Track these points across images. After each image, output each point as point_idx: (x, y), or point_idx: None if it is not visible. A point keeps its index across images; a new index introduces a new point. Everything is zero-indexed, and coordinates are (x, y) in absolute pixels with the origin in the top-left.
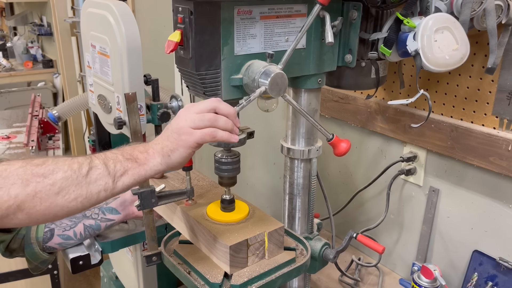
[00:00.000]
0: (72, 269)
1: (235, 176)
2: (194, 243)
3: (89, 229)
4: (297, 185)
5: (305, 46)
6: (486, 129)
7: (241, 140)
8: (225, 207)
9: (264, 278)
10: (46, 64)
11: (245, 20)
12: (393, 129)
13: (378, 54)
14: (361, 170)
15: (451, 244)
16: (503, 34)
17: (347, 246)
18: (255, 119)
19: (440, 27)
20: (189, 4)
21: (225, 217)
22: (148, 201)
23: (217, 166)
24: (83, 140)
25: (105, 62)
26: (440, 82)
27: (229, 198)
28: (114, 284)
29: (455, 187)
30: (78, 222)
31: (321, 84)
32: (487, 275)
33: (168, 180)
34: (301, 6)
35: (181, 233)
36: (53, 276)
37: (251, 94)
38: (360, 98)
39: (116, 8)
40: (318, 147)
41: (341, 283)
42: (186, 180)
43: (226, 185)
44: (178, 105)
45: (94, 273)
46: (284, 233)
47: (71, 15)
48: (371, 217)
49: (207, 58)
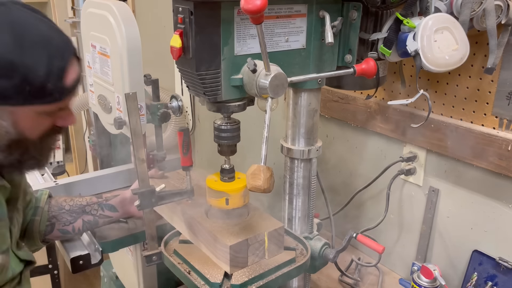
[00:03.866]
0: (72, 268)
1: (235, 144)
2: (194, 243)
3: (87, 225)
4: (297, 185)
5: (305, 46)
6: (486, 129)
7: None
8: (225, 176)
9: (264, 278)
10: None
11: (245, 20)
12: (393, 129)
13: (378, 54)
14: (361, 170)
15: (451, 244)
16: (503, 34)
17: (347, 246)
18: (255, 119)
19: (440, 27)
20: (189, 4)
21: (225, 187)
22: (148, 201)
23: (217, 134)
24: (83, 140)
25: (105, 62)
26: (440, 82)
27: (229, 167)
28: (114, 284)
29: (455, 187)
30: (77, 218)
31: (321, 84)
32: (486, 275)
33: (168, 180)
34: (301, 6)
35: (181, 233)
36: (53, 276)
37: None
38: (360, 98)
39: (116, 8)
40: (318, 147)
41: (341, 283)
42: (186, 180)
43: (225, 154)
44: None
45: (94, 273)
46: (284, 233)
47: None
48: (371, 217)
49: (207, 58)
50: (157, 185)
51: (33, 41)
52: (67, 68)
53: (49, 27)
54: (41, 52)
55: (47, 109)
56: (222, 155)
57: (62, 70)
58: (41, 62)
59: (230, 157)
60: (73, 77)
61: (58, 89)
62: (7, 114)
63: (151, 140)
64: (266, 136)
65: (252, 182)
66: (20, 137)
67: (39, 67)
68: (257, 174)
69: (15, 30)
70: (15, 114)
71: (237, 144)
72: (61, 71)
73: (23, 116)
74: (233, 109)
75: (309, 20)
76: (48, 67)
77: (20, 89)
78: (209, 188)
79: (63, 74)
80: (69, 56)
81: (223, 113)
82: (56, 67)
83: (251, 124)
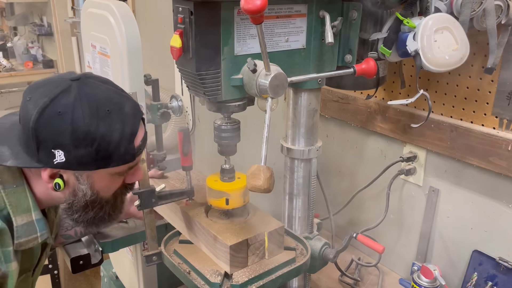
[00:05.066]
0: (72, 268)
1: (235, 144)
2: (194, 243)
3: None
4: (297, 185)
5: (305, 46)
6: (486, 129)
7: None
8: (225, 176)
9: (264, 278)
10: (47, 64)
11: (245, 20)
12: (393, 129)
13: (378, 54)
14: (361, 170)
15: (451, 244)
16: (503, 34)
17: (347, 246)
18: (255, 119)
19: (440, 27)
20: (189, 4)
21: (225, 187)
22: (148, 201)
23: (217, 134)
24: None
25: (105, 62)
26: (440, 82)
27: (229, 167)
28: (114, 284)
29: (455, 187)
30: None
31: (321, 84)
32: (486, 275)
33: (168, 180)
34: (301, 6)
35: (181, 233)
36: (53, 276)
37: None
38: (360, 98)
39: (116, 8)
40: (318, 147)
41: (341, 283)
42: (186, 180)
43: (225, 154)
44: (178, 105)
45: (94, 273)
46: (284, 233)
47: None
48: (371, 217)
49: (207, 58)
50: (157, 185)
51: (106, 111)
52: (137, 132)
53: (120, 96)
54: (114, 120)
55: (120, 170)
56: (222, 155)
57: (133, 134)
58: (115, 129)
59: (230, 157)
60: (141, 137)
61: (129, 151)
62: (85, 178)
63: (151, 140)
64: (266, 136)
65: (252, 182)
66: (96, 198)
67: (113, 134)
68: (257, 174)
69: (90, 103)
70: (92, 177)
71: (237, 144)
72: (132, 136)
73: (99, 179)
74: (233, 109)
75: (309, 20)
76: (121, 134)
77: (97, 156)
78: (209, 188)
79: (134, 138)
80: (138, 120)
81: (223, 113)
82: (127, 133)
83: (251, 124)
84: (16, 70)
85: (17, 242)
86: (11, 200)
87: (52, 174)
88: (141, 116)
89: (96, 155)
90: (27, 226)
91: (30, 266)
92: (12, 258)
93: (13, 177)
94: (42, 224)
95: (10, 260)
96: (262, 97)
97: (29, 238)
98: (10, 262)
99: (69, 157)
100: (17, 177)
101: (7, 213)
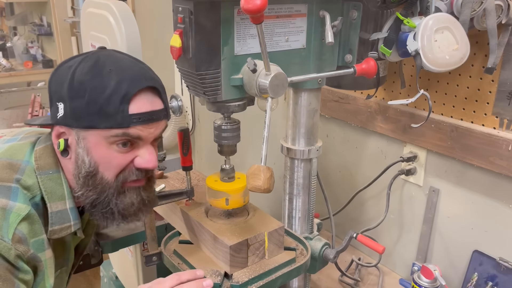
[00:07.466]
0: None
1: (235, 144)
2: (194, 243)
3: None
4: (297, 185)
5: (305, 46)
6: (486, 129)
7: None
8: (225, 176)
9: (264, 278)
10: (46, 64)
11: (245, 20)
12: (393, 129)
13: (378, 54)
14: (361, 170)
15: (451, 244)
16: (503, 34)
17: (347, 246)
18: (255, 119)
19: (440, 27)
20: (189, 4)
21: (225, 187)
22: None
23: (217, 134)
24: None
25: None
26: (440, 82)
27: (229, 167)
28: (114, 284)
29: (455, 187)
30: None
31: (321, 84)
32: (487, 275)
33: (168, 180)
34: (301, 6)
35: (181, 233)
36: None
37: (250, 94)
38: (360, 98)
39: (116, 8)
40: (318, 147)
41: (341, 283)
42: (186, 180)
43: (225, 154)
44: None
45: (94, 273)
46: (284, 233)
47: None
48: (371, 217)
49: (207, 58)
50: (157, 185)
51: (108, 70)
52: (134, 95)
53: (133, 64)
54: (112, 78)
55: (114, 134)
56: (222, 155)
57: (127, 96)
58: (109, 86)
59: (230, 157)
60: (143, 107)
61: (120, 112)
62: (81, 140)
63: None
64: (266, 136)
65: (252, 182)
66: (95, 171)
67: (106, 90)
68: (257, 174)
69: (97, 61)
70: (87, 139)
71: (237, 144)
72: (125, 97)
73: (94, 142)
74: (233, 109)
75: (309, 19)
76: (113, 91)
77: (88, 109)
78: (209, 188)
79: (128, 100)
80: (142, 85)
81: (223, 113)
82: (121, 93)
83: (251, 124)
84: (16, 70)
85: (51, 230)
86: (47, 186)
87: (58, 134)
88: (152, 86)
89: (87, 107)
90: (61, 213)
91: (63, 261)
92: (46, 246)
93: (49, 163)
94: (75, 213)
95: (43, 249)
96: (262, 97)
97: (62, 226)
98: (43, 251)
99: (66, 110)
100: (53, 163)
101: (39, 200)
